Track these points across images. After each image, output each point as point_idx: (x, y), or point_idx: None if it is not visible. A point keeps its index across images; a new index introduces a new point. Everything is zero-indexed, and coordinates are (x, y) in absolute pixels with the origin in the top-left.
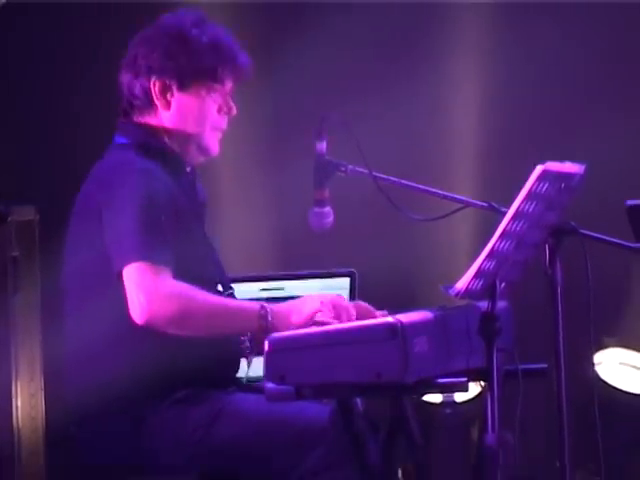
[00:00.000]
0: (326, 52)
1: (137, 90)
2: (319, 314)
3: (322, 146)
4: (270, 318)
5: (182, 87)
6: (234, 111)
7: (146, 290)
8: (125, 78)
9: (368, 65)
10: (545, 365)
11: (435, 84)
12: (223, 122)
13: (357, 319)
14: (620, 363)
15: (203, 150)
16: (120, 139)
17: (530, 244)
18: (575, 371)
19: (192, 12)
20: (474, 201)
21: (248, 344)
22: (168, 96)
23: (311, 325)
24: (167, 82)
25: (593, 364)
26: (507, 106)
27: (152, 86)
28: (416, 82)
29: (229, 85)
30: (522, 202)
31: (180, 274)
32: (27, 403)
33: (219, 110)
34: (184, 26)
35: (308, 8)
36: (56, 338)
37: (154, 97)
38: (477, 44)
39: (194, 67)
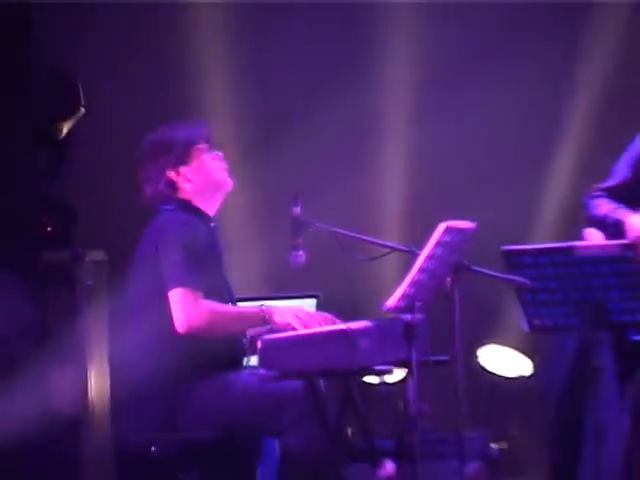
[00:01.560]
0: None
1: (163, 188)
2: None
3: (297, 210)
4: (268, 317)
5: (184, 163)
6: (217, 151)
7: (186, 310)
8: (149, 190)
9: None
10: (447, 357)
11: (366, 146)
12: (220, 159)
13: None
14: (497, 355)
15: (220, 188)
16: (165, 207)
17: (439, 276)
18: (468, 361)
19: (164, 127)
20: (400, 246)
21: (247, 345)
22: (182, 172)
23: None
24: (176, 168)
25: (477, 356)
26: (427, 170)
27: (171, 176)
28: (355, 144)
29: (206, 143)
30: (432, 249)
31: (208, 295)
32: (98, 382)
33: (210, 154)
34: (165, 133)
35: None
36: (119, 340)
37: (176, 181)
38: (403, 108)
39: (183, 149)
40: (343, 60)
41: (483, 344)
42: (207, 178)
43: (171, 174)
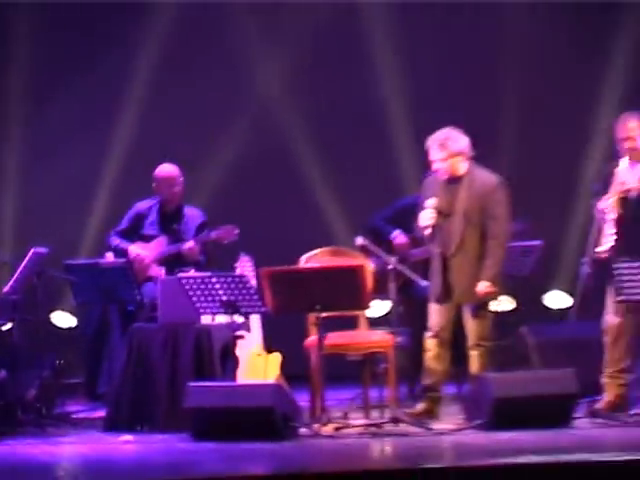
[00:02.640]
0: None
1: None
2: None
3: None
4: None
5: None
6: None
7: None
8: None
9: None
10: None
11: None
12: None
13: None
14: (63, 317)
15: None
16: None
17: (30, 276)
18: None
19: None
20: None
21: None
22: None
23: None
24: None
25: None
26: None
27: None
28: None
29: None
30: (26, 262)
31: None
32: None
33: None
34: None
35: None
36: None
37: None
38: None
39: None
40: None
41: (54, 310)
42: None
43: None
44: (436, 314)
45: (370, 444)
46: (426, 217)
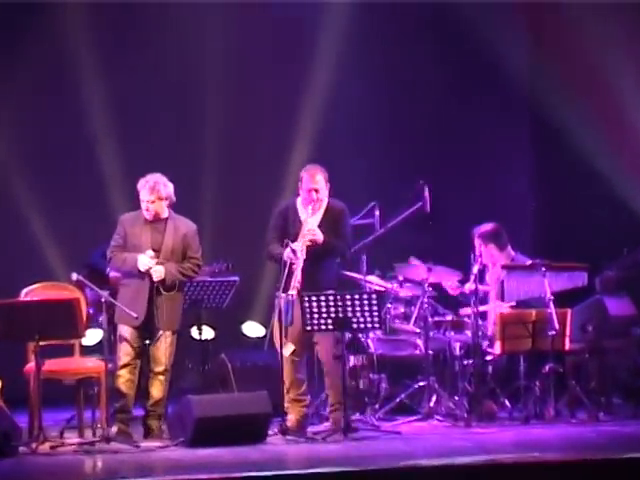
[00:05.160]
0: None
1: None
2: None
3: None
4: None
5: None
6: None
7: None
8: None
9: None
10: None
11: None
12: None
13: None
14: None
15: None
16: None
17: None
18: None
19: None
20: None
21: None
22: None
23: None
24: None
25: None
26: None
27: None
28: None
29: None
30: None
31: None
32: None
33: None
34: None
35: None
36: None
37: None
38: None
39: None
40: None
41: None
42: None
43: None
44: (126, 348)
45: (84, 460)
46: (146, 261)
